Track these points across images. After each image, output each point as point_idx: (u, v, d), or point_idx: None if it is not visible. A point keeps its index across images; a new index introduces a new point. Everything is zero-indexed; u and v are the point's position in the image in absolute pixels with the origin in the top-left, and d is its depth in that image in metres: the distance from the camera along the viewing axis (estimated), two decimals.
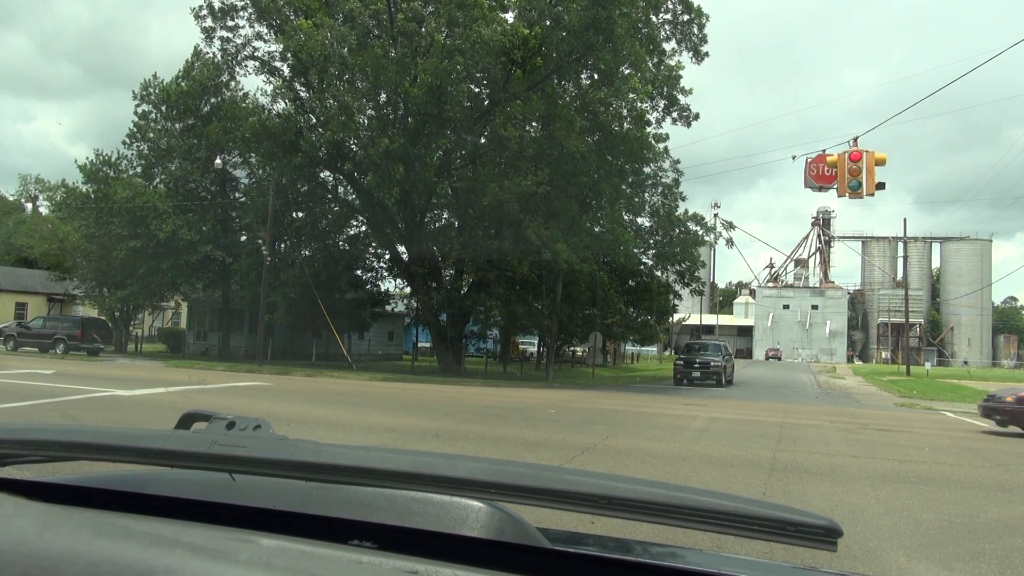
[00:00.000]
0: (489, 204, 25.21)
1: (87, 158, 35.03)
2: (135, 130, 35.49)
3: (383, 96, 26.46)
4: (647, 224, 36.93)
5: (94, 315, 40.52)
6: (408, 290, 36.69)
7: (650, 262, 37.41)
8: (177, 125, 35.45)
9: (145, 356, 35.41)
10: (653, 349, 70.40)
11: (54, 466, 1.33)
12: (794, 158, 14.78)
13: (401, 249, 33.37)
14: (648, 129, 28.85)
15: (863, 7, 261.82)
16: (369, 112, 26.70)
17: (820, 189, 14.28)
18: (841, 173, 13.11)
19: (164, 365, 28.61)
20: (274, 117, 28.56)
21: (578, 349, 51.07)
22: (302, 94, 29.21)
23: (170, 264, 32.70)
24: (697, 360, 30.51)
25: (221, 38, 30.54)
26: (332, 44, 24.15)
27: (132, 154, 35.77)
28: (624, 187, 30.72)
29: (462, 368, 31.96)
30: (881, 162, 13.25)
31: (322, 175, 33.60)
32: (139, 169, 35.72)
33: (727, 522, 0.92)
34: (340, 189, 34.49)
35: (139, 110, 35.61)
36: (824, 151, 14.00)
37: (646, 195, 36.44)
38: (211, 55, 32.28)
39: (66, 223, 37.25)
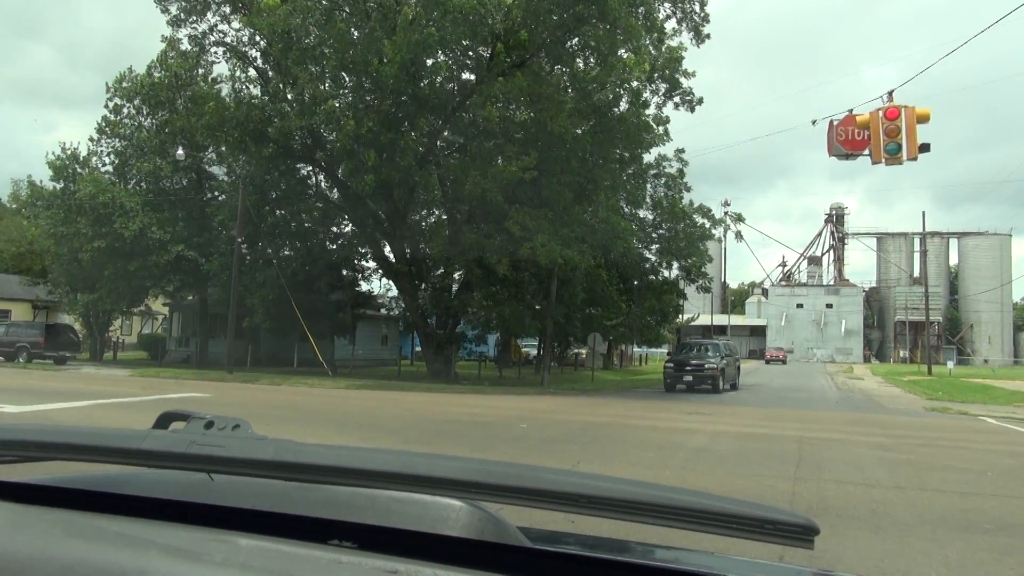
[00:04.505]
0: (470, 193, 22.89)
1: (53, 153, 33.03)
2: (104, 124, 33.46)
3: (354, 77, 24.16)
4: (649, 217, 34.55)
5: (68, 322, 38.60)
6: (396, 291, 34.56)
7: (653, 258, 34.99)
8: (151, 121, 33.37)
9: (119, 364, 33.31)
10: (664, 350, 68.04)
11: (30, 466, 1.21)
12: (815, 123, 12.44)
13: (388, 248, 31.27)
14: (647, 111, 26.42)
15: (884, 4, 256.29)
16: (343, 94, 24.48)
17: (848, 157, 11.78)
18: (875, 135, 10.70)
19: (128, 374, 26.54)
20: (240, 103, 26.34)
21: (582, 351, 48.77)
22: (269, 76, 27.02)
23: (138, 265, 30.59)
24: (690, 362, 26.58)
25: (186, 21, 28.38)
26: (296, 19, 21.94)
27: (102, 150, 33.79)
28: (624, 176, 28.31)
29: (452, 373, 29.72)
30: (924, 119, 10.82)
31: (303, 170, 31.48)
32: (110, 166, 33.70)
33: (705, 520, 0.91)
34: (323, 184, 32.31)
35: (111, 103, 33.58)
36: (851, 111, 11.58)
37: (648, 186, 34.08)
38: (181, 42, 30.15)
39: (32, 223, 35.12)
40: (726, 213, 43.66)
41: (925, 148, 10.85)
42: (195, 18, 28.72)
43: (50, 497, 1.13)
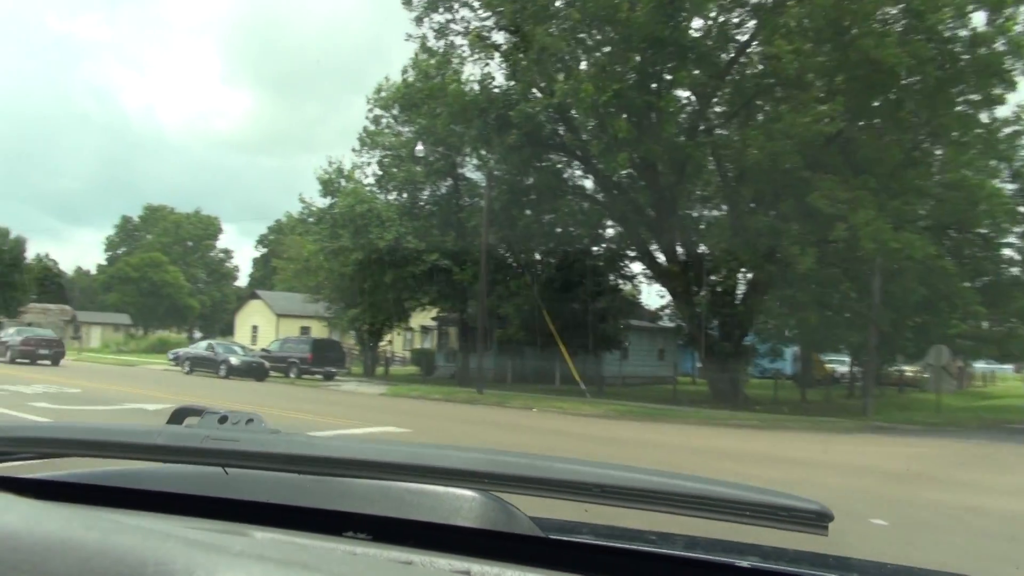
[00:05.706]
0: (755, 163, 17.22)
1: (321, 168, 33.20)
2: (366, 135, 33.04)
3: (600, 30, 19.78)
4: (1009, 188, 25.48)
5: (346, 337, 39.20)
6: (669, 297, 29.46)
7: (1017, 243, 25.76)
8: (407, 129, 32.28)
9: (385, 380, 32.38)
10: (1008, 367, 54.16)
11: (49, 463, 1.23)
12: None
13: (655, 247, 26.56)
14: (1016, 28, 18.47)
15: None
16: (589, 54, 20.30)
17: None
18: None
19: (381, 392, 24.96)
20: (483, 89, 23.44)
21: (907, 369, 39.27)
22: (517, 60, 23.74)
23: (393, 277, 29.22)
24: None
25: (429, 13, 26.49)
26: None
27: (364, 161, 33.47)
28: (977, 130, 20.37)
29: (740, 396, 23.98)
30: None
31: (556, 163, 27.98)
32: (371, 177, 33.21)
33: (718, 508, 0.91)
34: (578, 174, 28.48)
35: (371, 115, 33.12)
36: None
37: (1002, 147, 25.11)
38: (427, 38, 28.34)
39: (304, 239, 35.89)
40: None
41: None
42: (441, 8, 26.80)
43: (69, 493, 1.13)
